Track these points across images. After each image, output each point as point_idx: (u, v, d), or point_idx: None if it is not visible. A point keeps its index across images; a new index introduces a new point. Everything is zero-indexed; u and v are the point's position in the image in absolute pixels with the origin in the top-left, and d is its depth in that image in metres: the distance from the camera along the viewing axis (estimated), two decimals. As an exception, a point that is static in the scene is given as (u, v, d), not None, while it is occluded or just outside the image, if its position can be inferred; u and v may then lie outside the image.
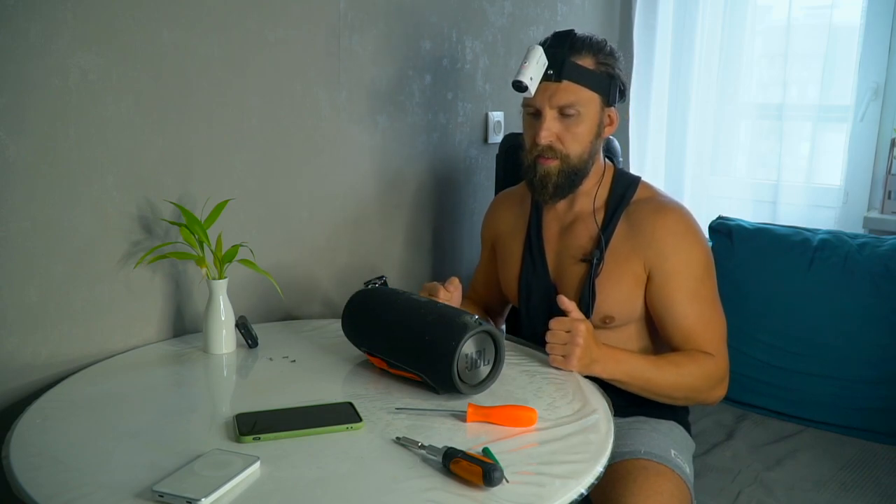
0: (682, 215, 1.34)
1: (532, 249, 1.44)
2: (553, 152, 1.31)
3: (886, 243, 1.66)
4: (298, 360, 1.27)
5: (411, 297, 1.21)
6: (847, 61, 2.15)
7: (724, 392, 1.34)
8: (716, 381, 1.31)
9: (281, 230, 1.55)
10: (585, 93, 1.30)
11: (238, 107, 1.43)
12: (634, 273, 1.33)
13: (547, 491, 0.86)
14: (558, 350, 1.23)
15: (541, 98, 1.30)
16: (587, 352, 1.21)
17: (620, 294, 1.33)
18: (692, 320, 1.31)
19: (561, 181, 1.33)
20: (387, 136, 1.75)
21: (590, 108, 1.31)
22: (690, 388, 1.29)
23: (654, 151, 2.46)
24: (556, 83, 1.28)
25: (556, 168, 1.32)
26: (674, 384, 1.28)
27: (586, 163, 1.34)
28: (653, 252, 1.31)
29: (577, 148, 1.32)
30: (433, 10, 1.82)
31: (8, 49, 1.09)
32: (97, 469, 0.88)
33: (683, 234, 1.32)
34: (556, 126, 1.31)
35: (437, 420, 1.04)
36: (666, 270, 1.31)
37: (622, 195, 1.37)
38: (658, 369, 1.27)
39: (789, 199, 2.25)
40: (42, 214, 1.17)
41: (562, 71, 1.28)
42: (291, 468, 0.89)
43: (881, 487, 1.41)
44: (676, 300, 1.31)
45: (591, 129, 1.32)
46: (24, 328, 1.17)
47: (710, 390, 1.32)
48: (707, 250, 1.35)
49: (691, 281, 1.31)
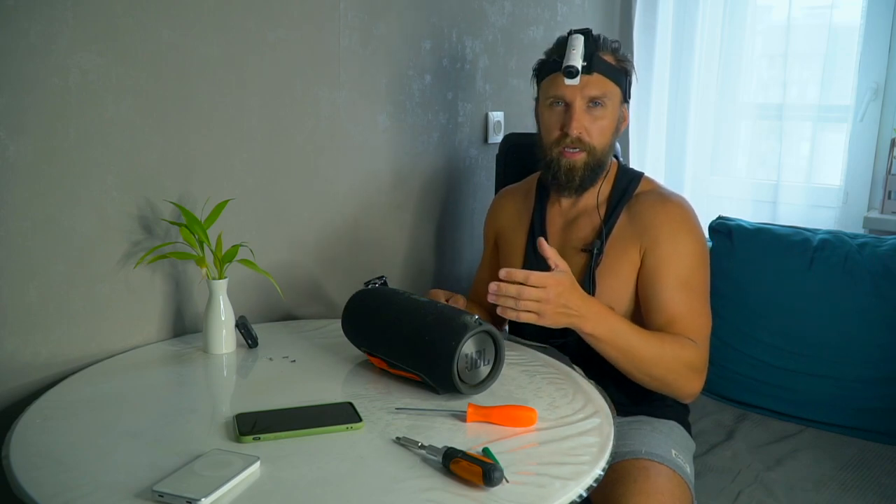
0: (682, 206, 1.35)
1: (535, 243, 1.44)
2: (581, 144, 1.33)
3: (886, 243, 1.66)
4: (298, 360, 1.28)
5: (411, 297, 1.21)
6: (847, 61, 2.15)
7: (701, 386, 1.30)
8: (695, 369, 1.28)
9: (281, 230, 1.55)
10: (611, 86, 1.34)
11: (238, 107, 1.43)
12: (632, 262, 1.33)
13: (547, 491, 0.86)
14: (531, 306, 1.14)
15: (572, 90, 1.32)
16: (563, 307, 1.15)
17: (620, 285, 1.34)
18: (679, 307, 1.29)
19: (587, 174, 1.35)
20: (387, 136, 1.75)
21: (614, 101, 1.35)
22: (669, 368, 1.25)
23: (654, 151, 2.46)
24: (588, 75, 1.31)
25: (582, 161, 1.34)
26: (654, 358, 1.23)
27: (607, 156, 1.37)
28: (648, 237, 1.32)
29: (602, 140, 1.34)
30: (433, 10, 1.82)
31: (8, 49, 1.09)
32: (97, 469, 0.88)
33: (680, 223, 1.33)
34: (585, 118, 1.33)
35: (437, 420, 1.04)
36: (658, 255, 1.31)
37: (625, 189, 1.39)
38: (641, 338, 1.23)
39: (789, 199, 2.25)
40: (42, 214, 1.17)
41: (592, 63, 1.31)
42: (291, 468, 0.89)
43: (881, 487, 1.41)
44: (665, 285, 1.30)
45: (613, 122, 1.36)
46: (24, 328, 1.17)
47: (687, 378, 1.27)
48: (703, 244, 1.35)
49: (682, 269, 1.31)
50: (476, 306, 1.59)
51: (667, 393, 1.31)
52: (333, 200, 1.65)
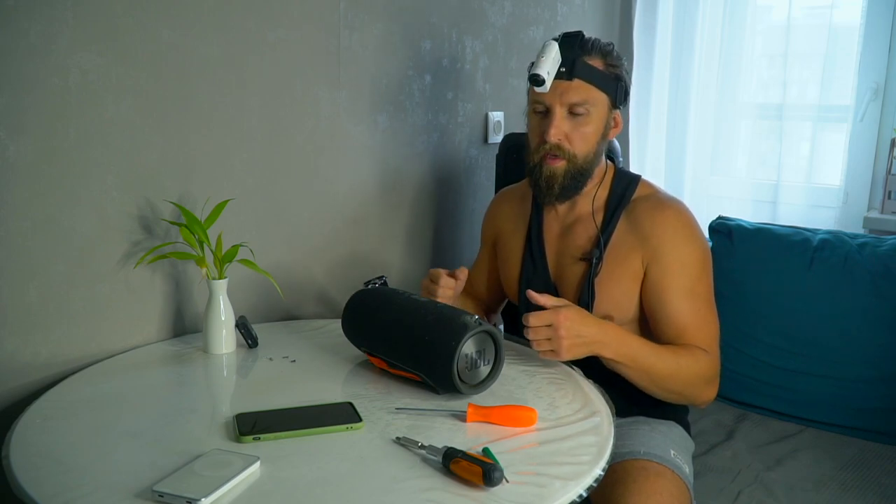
0: (681, 212, 1.34)
1: (532, 249, 1.44)
2: (561, 151, 1.31)
3: (886, 243, 1.66)
4: (298, 360, 1.28)
5: (411, 297, 1.21)
6: (847, 61, 2.15)
7: (715, 393, 1.31)
8: (709, 379, 1.29)
9: (281, 230, 1.55)
10: (595, 92, 1.30)
11: (238, 107, 1.43)
12: (633, 270, 1.32)
13: (547, 491, 0.86)
14: (545, 346, 1.18)
15: (551, 96, 1.30)
16: (577, 338, 1.17)
17: (619, 293, 1.33)
18: (687, 317, 1.29)
19: (567, 182, 1.33)
20: (387, 136, 1.75)
21: (598, 108, 1.31)
22: (686, 381, 1.26)
23: (654, 151, 2.46)
24: (568, 81, 1.28)
25: (562, 169, 1.32)
26: (672, 374, 1.25)
27: (591, 164, 1.34)
28: (650, 247, 1.31)
29: (584, 148, 1.31)
30: (433, 10, 1.82)
31: (8, 49, 1.09)
32: (97, 469, 0.88)
33: (681, 230, 1.31)
34: (566, 125, 1.30)
35: (437, 420, 1.04)
36: (662, 266, 1.30)
37: (622, 194, 1.37)
38: (659, 357, 1.24)
39: (789, 199, 2.25)
40: (42, 214, 1.17)
41: (573, 69, 1.28)
42: (291, 468, 0.89)
43: (881, 487, 1.41)
44: (672, 296, 1.29)
45: (599, 129, 1.33)
46: (24, 328, 1.17)
47: (703, 388, 1.29)
48: (705, 248, 1.35)
49: (687, 278, 1.30)
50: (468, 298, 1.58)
51: (682, 403, 1.32)
52: (333, 200, 1.65)
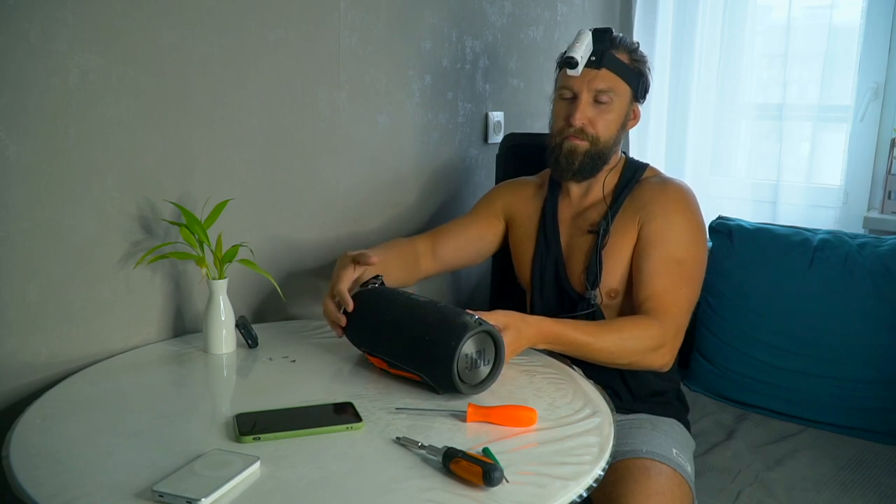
0: (681, 189, 1.40)
1: (547, 231, 1.49)
2: (584, 135, 1.38)
3: (886, 243, 1.66)
4: (298, 360, 1.27)
5: (411, 297, 1.21)
6: (847, 61, 2.15)
7: (669, 358, 1.30)
8: (657, 348, 1.28)
9: (281, 230, 1.55)
10: (620, 83, 1.38)
11: (238, 107, 1.43)
12: (631, 238, 1.38)
13: (547, 491, 0.86)
14: None
15: (580, 81, 1.38)
16: (514, 342, 1.18)
17: (623, 266, 1.38)
18: (659, 284, 1.32)
19: (586, 161, 1.39)
20: (387, 136, 1.75)
21: (621, 98, 1.39)
22: (634, 351, 1.27)
23: (654, 151, 2.46)
24: (597, 70, 1.37)
25: (584, 147, 1.39)
26: (614, 348, 1.25)
27: (610, 150, 1.41)
28: (645, 213, 1.37)
29: (606, 133, 1.39)
30: (433, 10, 1.82)
31: (8, 49, 1.09)
32: (97, 469, 0.88)
33: (676, 203, 1.38)
34: (590, 111, 1.38)
35: (437, 420, 1.04)
36: (652, 230, 1.35)
37: (631, 178, 1.44)
38: (592, 335, 1.25)
39: (789, 199, 2.25)
40: (42, 214, 1.17)
41: (602, 59, 1.37)
42: (291, 468, 0.89)
43: (881, 487, 1.41)
44: (651, 260, 1.33)
45: (620, 118, 1.40)
46: (24, 328, 1.17)
47: (653, 356, 1.28)
48: (698, 225, 1.38)
49: (671, 245, 1.34)
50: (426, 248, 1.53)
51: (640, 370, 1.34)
52: (333, 200, 1.65)
